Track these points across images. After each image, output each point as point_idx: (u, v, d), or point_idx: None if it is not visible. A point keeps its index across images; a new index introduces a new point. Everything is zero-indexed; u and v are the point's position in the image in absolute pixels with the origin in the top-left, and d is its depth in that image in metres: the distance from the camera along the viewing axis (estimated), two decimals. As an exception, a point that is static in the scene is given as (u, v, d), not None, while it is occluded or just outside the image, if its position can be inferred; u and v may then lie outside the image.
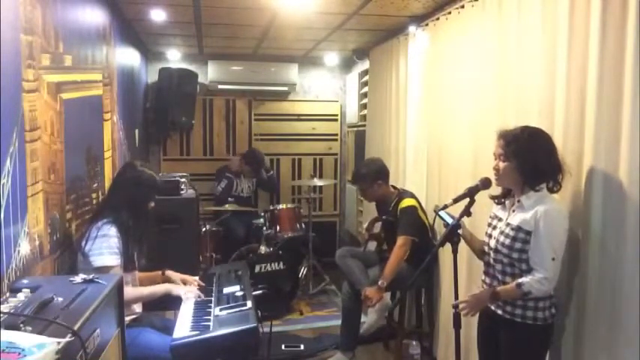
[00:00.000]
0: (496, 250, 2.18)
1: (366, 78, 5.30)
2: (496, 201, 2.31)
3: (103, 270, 2.27)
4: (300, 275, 4.89)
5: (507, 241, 2.12)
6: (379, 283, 3.20)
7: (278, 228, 4.78)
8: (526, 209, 2.10)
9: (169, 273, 2.79)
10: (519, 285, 2.06)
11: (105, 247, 2.33)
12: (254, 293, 2.50)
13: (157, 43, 5.27)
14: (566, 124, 2.21)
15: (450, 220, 2.26)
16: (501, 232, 2.18)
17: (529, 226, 2.07)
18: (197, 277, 2.83)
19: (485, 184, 2.25)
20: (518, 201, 2.14)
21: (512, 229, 2.12)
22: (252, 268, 4.26)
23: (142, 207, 2.57)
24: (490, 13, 2.86)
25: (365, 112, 5.36)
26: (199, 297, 2.57)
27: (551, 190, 2.11)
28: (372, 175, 3.49)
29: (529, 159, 2.08)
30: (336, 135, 6.28)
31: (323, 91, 6.25)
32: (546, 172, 2.09)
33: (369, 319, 3.27)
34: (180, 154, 5.90)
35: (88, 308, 1.41)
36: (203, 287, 2.72)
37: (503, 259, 2.16)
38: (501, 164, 2.15)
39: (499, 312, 2.19)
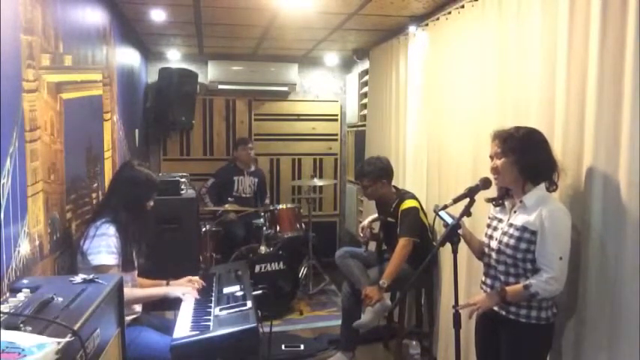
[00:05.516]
0: (499, 251, 2.18)
1: (366, 78, 5.30)
2: (494, 203, 2.30)
3: (101, 269, 2.27)
4: (300, 275, 4.89)
5: (512, 242, 2.12)
6: (380, 282, 3.19)
7: (278, 228, 4.78)
8: (529, 210, 2.10)
9: (173, 283, 2.75)
10: (527, 287, 2.05)
11: (103, 245, 2.33)
12: (254, 293, 2.49)
13: (157, 43, 5.27)
14: (566, 124, 2.21)
15: (449, 220, 2.25)
16: (504, 233, 2.17)
17: (534, 227, 2.06)
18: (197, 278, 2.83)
19: (486, 184, 2.25)
20: (520, 201, 2.14)
21: (517, 229, 2.11)
22: (252, 268, 4.26)
23: (141, 206, 2.57)
24: (490, 13, 2.86)
25: (365, 112, 5.36)
26: (197, 297, 2.56)
27: (548, 190, 2.11)
28: (377, 173, 3.47)
29: (526, 152, 2.09)
30: (336, 135, 6.28)
31: (323, 91, 6.25)
32: (544, 167, 2.09)
33: (364, 317, 3.27)
34: (181, 154, 5.90)
35: (88, 308, 1.41)
36: (203, 288, 2.71)
37: (507, 260, 2.15)
38: (499, 162, 2.15)
39: (502, 312, 2.18)
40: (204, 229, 4.78)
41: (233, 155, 5.52)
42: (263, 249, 4.53)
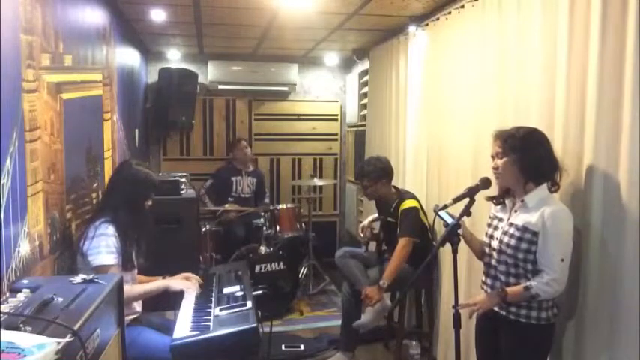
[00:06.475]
0: (500, 251, 2.17)
1: (366, 78, 5.30)
2: (494, 202, 2.30)
3: (101, 269, 2.27)
4: (300, 275, 4.89)
5: (512, 242, 2.11)
6: (380, 282, 3.19)
7: (278, 228, 4.78)
8: (530, 210, 2.09)
9: (169, 279, 2.75)
10: (527, 288, 2.05)
11: (103, 245, 2.33)
12: (254, 293, 2.49)
13: (157, 43, 5.27)
14: (566, 124, 2.21)
15: (449, 220, 2.25)
16: (505, 233, 2.17)
17: (535, 227, 2.06)
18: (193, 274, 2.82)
19: (485, 184, 2.25)
20: (522, 201, 2.14)
21: (518, 229, 2.11)
22: (252, 268, 4.26)
23: (140, 205, 2.57)
24: (490, 13, 2.86)
25: (365, 112, 5.36)
26: (200, 290, 2.55)
27: (550, 191, 2.11)
28: (377, 173, 3.48)
29: (527, 152, 2.09)
30: (336, 135, 6.28)
31: (323, 91, 6.25)
32: (545, 167, 2.09)
33: (364, 317, 3.27)
34: (181, 154, 5.90)
35: (88, 308, 1.41)
36: (203, 285, 2.71)
37: (508, 260, 2.15)
38: (500, 161, 2.15)
39: (502, 313, 2.18)
40: (204, 229, 4.77)
41: (230, 156, 5.53)
42: (263, 249, 4.53)
